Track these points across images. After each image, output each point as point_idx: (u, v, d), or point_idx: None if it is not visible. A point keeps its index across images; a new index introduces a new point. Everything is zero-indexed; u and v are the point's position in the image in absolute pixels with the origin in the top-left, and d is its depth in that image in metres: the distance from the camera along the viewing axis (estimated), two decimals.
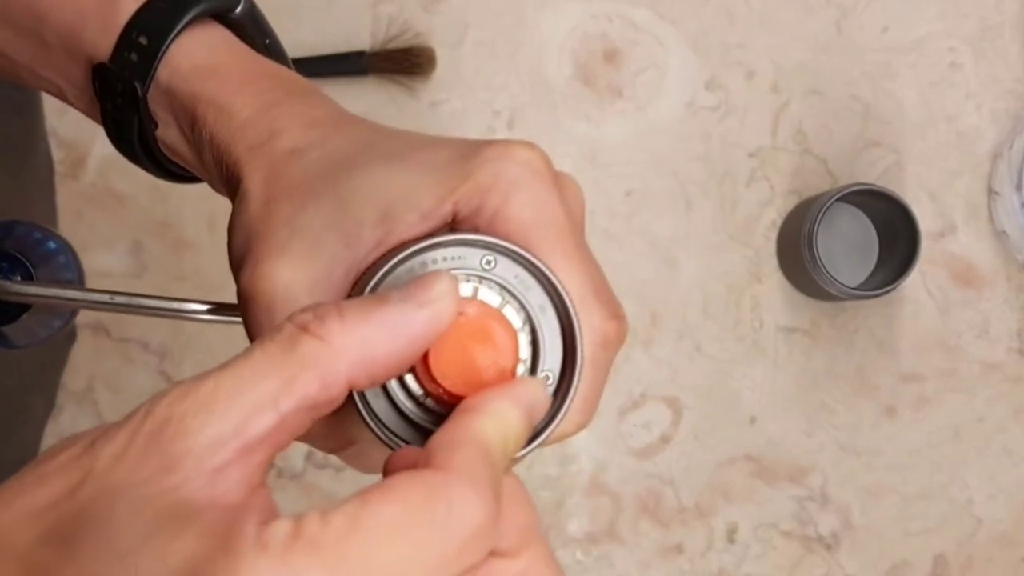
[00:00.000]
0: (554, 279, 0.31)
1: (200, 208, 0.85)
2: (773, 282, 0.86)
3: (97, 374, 0.84)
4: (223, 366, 0.26)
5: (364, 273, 0.32)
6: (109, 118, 0.40)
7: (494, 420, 0.27)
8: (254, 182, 0.35)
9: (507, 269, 0.31)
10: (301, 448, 0.84)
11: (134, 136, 0.39)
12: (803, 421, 0.85)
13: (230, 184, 0.36)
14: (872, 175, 0.86)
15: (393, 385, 0.31)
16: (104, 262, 0.84)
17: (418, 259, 0.31)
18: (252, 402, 0.25)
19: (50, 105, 0.83)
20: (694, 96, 0.86)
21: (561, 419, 0.31)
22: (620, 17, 0.87)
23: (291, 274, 0.32)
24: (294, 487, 0.84)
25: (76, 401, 0.84)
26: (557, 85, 0.86)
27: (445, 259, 0.31)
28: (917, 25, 0.87)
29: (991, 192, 0.86)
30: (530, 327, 0.31)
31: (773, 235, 0.86)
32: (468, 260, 0.31)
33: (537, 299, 0.31)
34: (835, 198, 0.79)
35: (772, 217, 0.86)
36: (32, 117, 0.74)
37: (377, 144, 0.35)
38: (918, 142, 0.86)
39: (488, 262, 0.31)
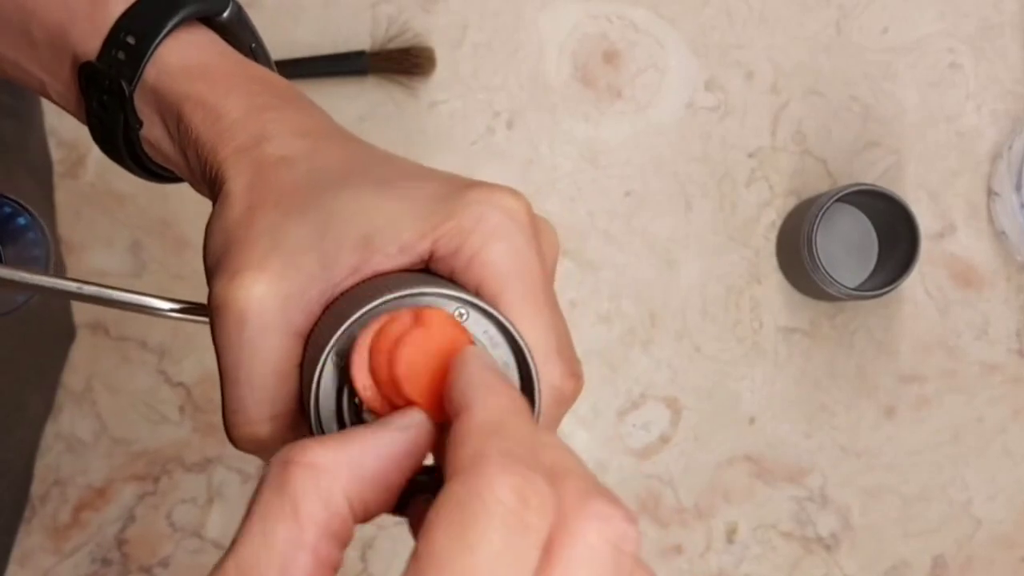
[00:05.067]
0: (522, 343, 0.31)
1: (200, 208, 0.85)
2: (772, 283, 0.86)
3: (96, 373, 0.84)
4: (235, 541, 0.26)
5: (337, 299, 0.32)
6: (94, 116, 0.40)
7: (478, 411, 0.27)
8: (238, 185, 0.35)
9: (478, 323, 0.31)
10: None
11: (118, 134, 0.39)
12: (802, 422, 0.85)
13: (213, 185, 0.36)
14: (872, 175, 0.86)
15: (345, 409, 0.31)
16: (103, 261, 0.84)
17: (394, 304, 0.31)
18: (280, 556, 0.25)
19: (50, 105, 0.83)
20: (693, 96, 0.86)
21: None
22: (619, 17, 0.87)
23: (265, 289, 0.32)
24: None
25: (75, 401, 0.84)
26: (556, 85, 0.86)
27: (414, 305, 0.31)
28: (917, 25, 0.87)
29: (991, 192, 0.86)
30: None
31: (773, 236, 0.86)
32: (443, 309, 0.31)
33: (502, 356, 0.32)
34: (835, 198, 0.79)
35: (772, 217, 0.86)
36: (26, 119, 0.74)
37: (367, 166, 0.35)
38: (918, 142, 0.86)
39: (461, 314, 0.31)
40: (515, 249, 0.33)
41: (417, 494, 0.30)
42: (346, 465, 0.26)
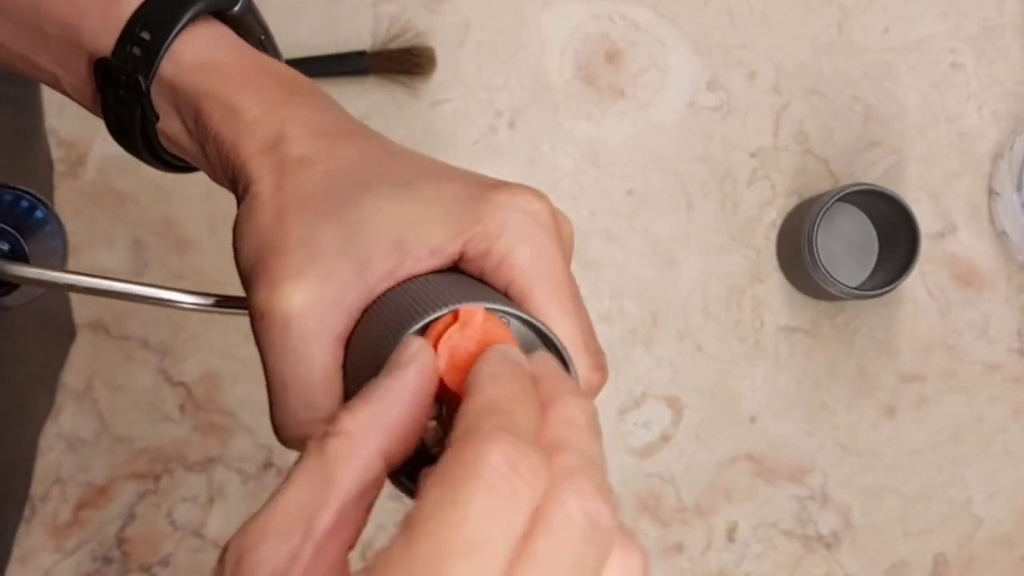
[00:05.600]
0: (560, 346, 0.33)
1: (201, 207, 0.85)
2: (774, 282, 0.86)
3: (97, 372, 0.84)
4: (274, 494, 0.28)
5: (376, 302, 0.34)
6: (110, 110, 0.40)
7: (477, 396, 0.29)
8: (264, 187, 0.36)
9: (517, 330, 0.33)
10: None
11: (135, 128, 0.40)
12: (804, 421, 0.85)
13: (235, 182, 0.37)
14: (873, 175, 0.86)
15: None
16: (104, 260, 0.84)
17: (435, 315, 0.32)
18: (307, 510, 0.27)
19: (49, 104, 0.83)
20: (695, 96, 0.86)
21: None
22: (621, 17, 0.87)
23: (306, 298, 0.34)
24: None
25: (76, 400, 0.84)
26: (558, 85, 0.86)
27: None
28: (918, 26, 0.87)
29: (991, 192, 0.86)
30: None
31: (774, 235, 0.86)
32: (480, 307, 0.33)
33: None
34: (835, 198, 0.79)
35: (773, 217, 0.86)
36: (33, 115, 0.74)
37: (385, 167, 0.36)
38: (919, 142, 0.86)
39: (504, 323, 0.33)
40: (541, 250, 0.34)
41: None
42: (374, 425, 0.29)
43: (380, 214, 0.34)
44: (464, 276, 0.35)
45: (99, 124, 0.42)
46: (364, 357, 0.33)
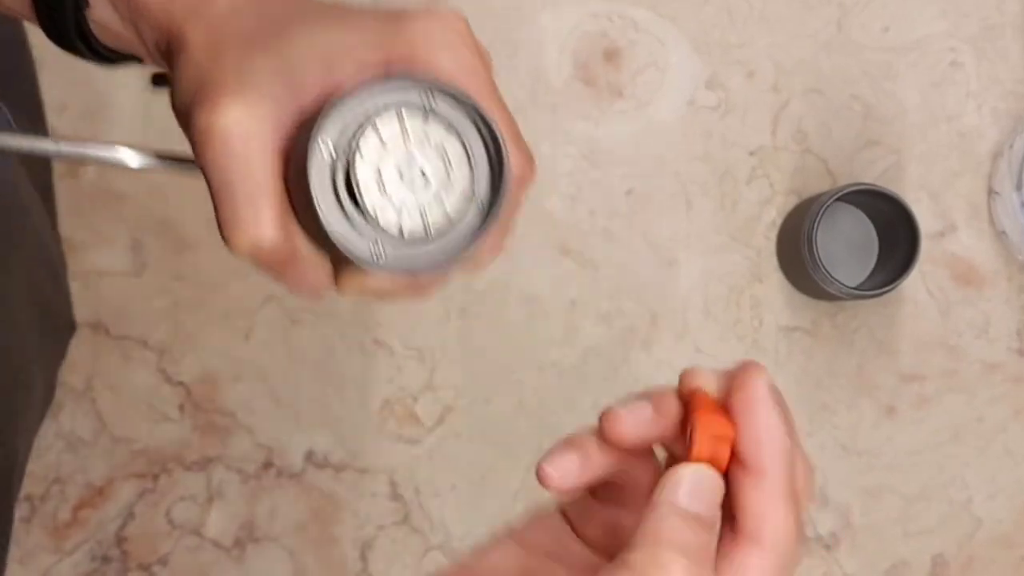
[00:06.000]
0: (490, 120, 0.35)
1: (200, 207, 0.85)
2: (773, 282, 0.86)
3: (96, 372, 0.84)
4: None
5: (306, 118, 0.36)
6: (43, 5, 0.42)
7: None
8: (197, 35, 0.38)
9: (447, 110, 0.36)
10: (301, 447, 0.84)
11: (68, 20, 0.41)
12: (804, 420, 0.85)
13: (169, 51, 0.39)
14: (872, 175, 0.86)
15: (342, 192, 0.35)
16: (104, 260, 0.84)
17: (366, 91, 0.35)
18: None
19: (50, 104, 0.83)
20: (694, 95, 0.86)
21: (486, 238, 0.36)
22: (620, 16, 0.87)
23: (244, 111, 0.36)
24: (293, 487, 0.84)
25: (75, 399, 0.84)
26: (557, 85, 0.86)
27: (391, 93, 0.35)
28: (918, 25, 0.87)
29: (991, 192, 0.86)
30: (467, 162, 0.36)
31: (773, 235, 0.86)
32: (412, 98, 0.35)
33: (473, 138, 0.36)
34: (835, 198, 0.79)
35: (772, 216, 0.86)
36: (35, 114, 0.74)
37: (312, 5, 0.39)
38: (918, 142, 0.86)
39: (431, 101, 0.36)
40: (462, 56, 0.37)
41: None
42: (696, 542, 0.33)
43: (309, 40, 0.36)
44: None
45: (99, 125, 0.43)
46: (297, 167, 0.35)
